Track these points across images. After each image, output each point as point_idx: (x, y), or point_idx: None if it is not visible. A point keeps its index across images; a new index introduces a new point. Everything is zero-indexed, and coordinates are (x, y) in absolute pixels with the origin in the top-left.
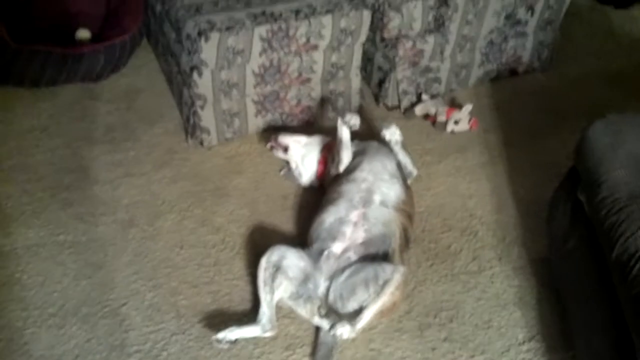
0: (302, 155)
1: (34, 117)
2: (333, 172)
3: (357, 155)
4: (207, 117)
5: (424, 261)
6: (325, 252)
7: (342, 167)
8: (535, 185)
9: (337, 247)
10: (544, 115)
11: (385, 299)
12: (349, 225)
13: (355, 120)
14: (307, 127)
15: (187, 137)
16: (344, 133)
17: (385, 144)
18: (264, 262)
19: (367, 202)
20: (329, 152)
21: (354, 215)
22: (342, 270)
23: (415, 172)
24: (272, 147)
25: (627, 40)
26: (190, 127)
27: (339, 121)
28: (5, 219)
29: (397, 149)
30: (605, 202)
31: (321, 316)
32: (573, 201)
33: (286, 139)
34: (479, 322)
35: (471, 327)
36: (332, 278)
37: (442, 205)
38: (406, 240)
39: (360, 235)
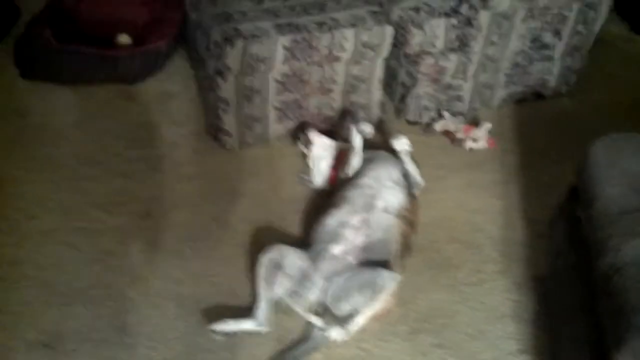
0: (320, 156)
1: (69, 113)
2: (342, 176)
3: (366, 162)
4: (229, 121)
5: (425, 270)
6: (325, 254)
7: (351, 172)
8: (545, 206)
9: (336, 250)
10: (565, 140)
11: (378, 304)
12: (350, 229)
13: (368, 129)
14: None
15: (210, 140)
16: (357, 139)
17: (394, 153)
18: (263, 259)
19: (369, 207)
20: (342, 158)
21: (356, 220)
22: (340, 272)
23: (421, 182)
24: (298, 137)
25: None
26: (214, 130)
27: (353, 128)
28: (28, 203)
29: (406, 159)
30: (597, 218)
31: (316, 315)
32: (571, 219)
33: (314, 135)
34: (473, 331)
35: (464, 336)
36: (329, 279)
37: (450, 218)
38: (407, 248)
39: (360, 240)
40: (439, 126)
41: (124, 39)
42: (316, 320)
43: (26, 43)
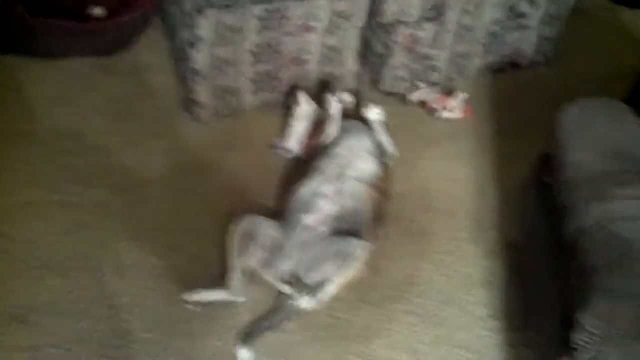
0: (300, 117)
1: (44, 87)
2: (318, 144)
3: (339, 132)
4: (203, 93)
5: (399, 238)
6: (298, 224)
7: (327, 140)
8: (520, 175)
9: (309, 220)
10: (542, 109)
11: (349, 273)
12: (323, 199)
13: (347, 98)
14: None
15: (186, 112)
16: (335, 108)
17: (367, 123)
18: (236, 230)
19: (341, 177)
20: (319, 128)
21: (329, 190)
22: (313, 242)
23: (394, 153)
24: (290, 96)
25: (638, 41)
26: (188, 103)
27: (332, 96)
28: (4, 178)
29: (378, 129)
30: (566, 183)
31: (287, 285)
32: (542, 186)
33: (302, 97)
34: (444, 298)
35: (436, 303)
36: (301, 249)
37: (426, 187)
38: (380, 217)
39: (333, 209)
40: (414, 97)
41: (98, 11)
42: (288, 290)
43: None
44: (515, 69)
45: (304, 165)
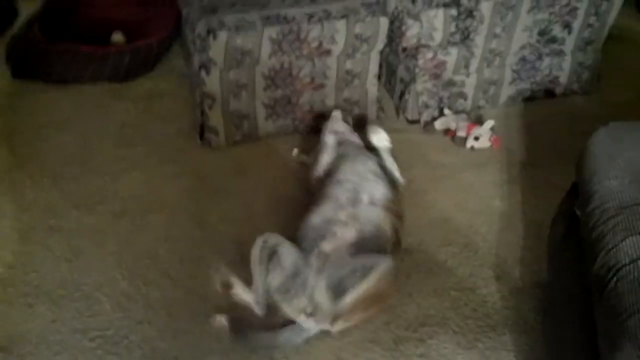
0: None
1: (55, 111)
2: (313, 174)
3: (340, 158)
4: (215, 118)
5: (415, 273)
6: (316, 251)
7: (320, 169)
8: (549, 208)
9: (327, 246)
10: (576, 139)
11: (369, 284)
12: (339, 224)
13: (338, 115)
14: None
15: (197, 138)
16: (330, 139)
17: (370, 148)
18: (260, 242)
19: (355, 201)
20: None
21: (343, 215)
22: (332, 268)
23: (401, 180)
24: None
25: None
26: (200, 128)
27: (326, 126)
28: (6, 201)
29: (385, 155)
30: (595, 213)
31: (307, 315)
32: (570, 218)
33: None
34: (462, 341)
35: (452, 346)
36: (321, 275)
37: (446, 219)
38: (397, 243)
39: (351, 235)
40: (439, 124)
41: (118, 37)
42: (306, 321)
43: (17, 43)
44: (548, 96)
45: (312, 194)
